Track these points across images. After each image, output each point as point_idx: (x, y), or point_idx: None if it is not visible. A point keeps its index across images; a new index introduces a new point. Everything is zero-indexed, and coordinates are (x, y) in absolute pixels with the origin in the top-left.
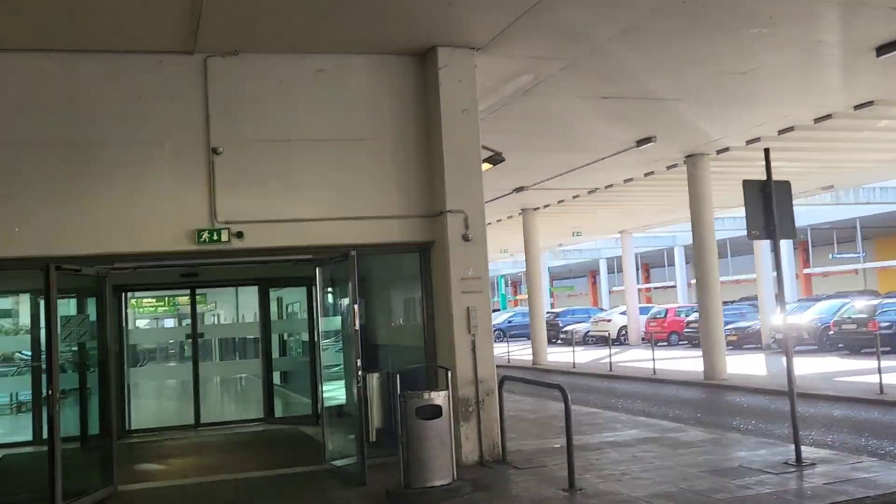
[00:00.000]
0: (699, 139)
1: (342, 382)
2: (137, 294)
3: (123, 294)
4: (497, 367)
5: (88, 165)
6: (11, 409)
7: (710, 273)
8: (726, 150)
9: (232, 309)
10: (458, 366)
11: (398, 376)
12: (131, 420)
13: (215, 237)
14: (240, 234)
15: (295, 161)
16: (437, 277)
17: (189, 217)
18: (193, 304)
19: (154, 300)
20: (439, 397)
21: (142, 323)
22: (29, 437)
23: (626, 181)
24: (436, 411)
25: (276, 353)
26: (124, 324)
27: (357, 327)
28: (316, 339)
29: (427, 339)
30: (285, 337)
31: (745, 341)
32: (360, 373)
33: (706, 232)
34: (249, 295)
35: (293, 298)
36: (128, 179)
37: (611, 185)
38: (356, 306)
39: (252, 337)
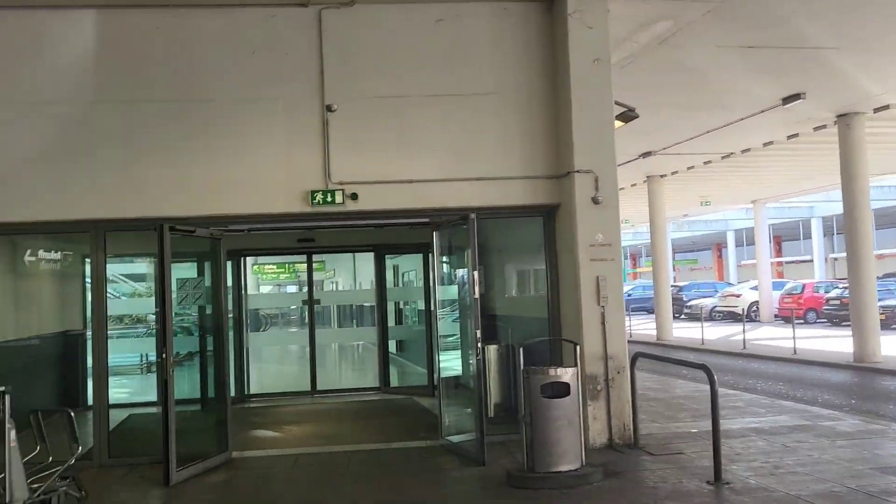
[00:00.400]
0: (855, 95)
1: (458, 353)
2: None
3: (241, 259)
4: None
5: (201, 124)
6: (141, 370)
7: (864, 245)
8: (885, 108)
9: (349, 276)
10: (586, 340)
11: (521, 350)
12: (250, 385)
13: (329, 199)
14: (354, 196)
15: (412, 118)
16: (562, 244)
17: (302, 177)
18: (310, 270)
19: (274, 266)
20: (567, 374)
21: (260, 288)
22: (155, 397)
23: (765, 145)
24: (563, 389)
25: (391, 322)
26: (243, 289)
27: (477, 296)
28: (432, 307)
29: (551, 310)
30: (401, 305)
31: (894, 321)
32: (479, 345)
33: (859, 200)
34: (366, 262)
35: (409, 266)
36: (241, 138)
37: (748, 150)
38: (476, 273)
39: (368, 305)
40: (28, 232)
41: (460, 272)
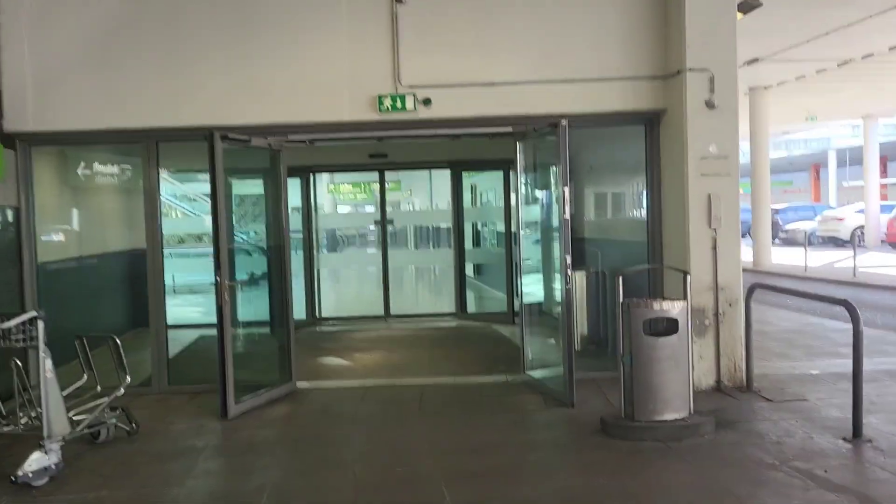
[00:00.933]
0: None
1: (540, 279)
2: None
3: (310, 176)
4: None
5: (258, 24)
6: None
7: None
8: None
9: (426, 196)
10: (693, 268)
11: (620, 279)
12: (321, 308)
13: (399, 105)
14: (427, 102)
15: (493, 10)
16: (667, 156)
17: (369, 81)
18: (382, 188)
19: (350, 185)
20: (675, 308)
21: (338, 209)
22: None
23: (891, 49)
24: (670, 326)
25: (468, 244)
26: (313, 208)
27: (567, 216)
28: (515, 228)
29: (651, 234)
30: (479, 227)
31: None
32: (568, 272)
33: None
34: (443, 180)
35: (488, 184)
36: (300, 37)
37: (869, 55)
38: (566, 190)
39: (445, 226)
40: (75, 143)
41: (546, 190)
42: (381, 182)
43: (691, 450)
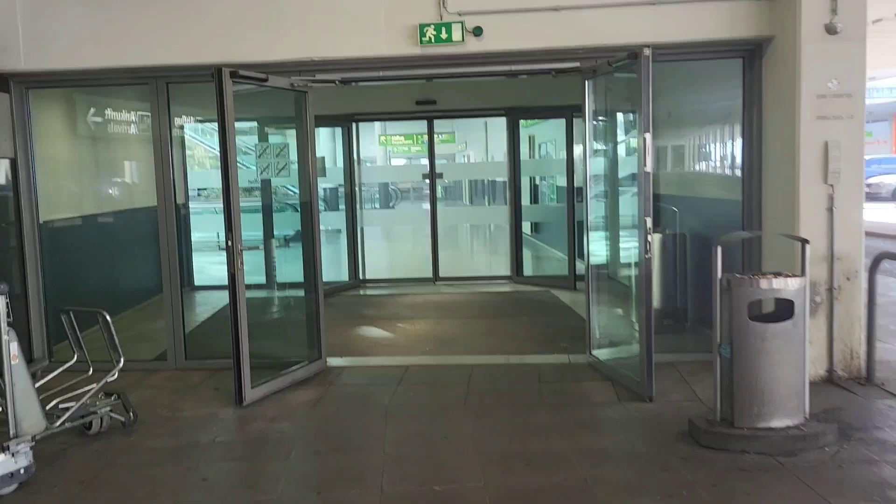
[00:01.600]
0: None
1: (608, 241)
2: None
3: (352, 125)
4: None
5: None
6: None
7: None
8: None
9: (481, 149)
10: (803, 233)
11: (718, 249)
12: (365, 269)
13: (444, 35)
14: (477, 31)
15: None
16: (772, 95)
17: (408, 7)
18: (431, 138)
19: (402, 137)
20: (791, 286)
21: (391, 162)
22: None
23: None
24: (783, 309)
25: (525, 200)
26: (356, 160)
27: (649, 168)
28: (580, 183)
29: (747, 190)
30: (537, 181)
31: None
32: (648, 238)
33: None
34: (499, 131)
35: (548, 135)
36: None
37: None
38: (648, 137)
39: (500, 180)
40: (75, 84)
41: (619, 138)
42: (430, 132)
43: (811, 469)
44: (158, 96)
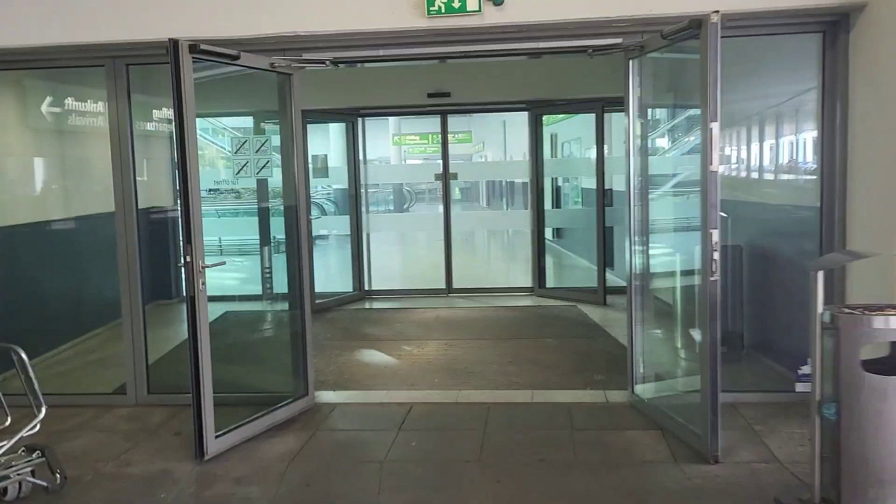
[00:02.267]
0: None
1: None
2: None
3: (356, 121)
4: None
5: None
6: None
7: None
8: None
9: (499, 148)
10: None
11: (820, 275)
12: (371, 279)
13: (457, 4)
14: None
15: None
16: (862, 78)
17: None
18: (444, 134)
19: (417, 137)
20: None
21: (406, 163)
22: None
23: None
24: None
25: (548, 204)
26: (361, 159)
27: (715, 166)
28: (628, 183)
29: (827, 194)
30: (559, 182)
31: None
32: (714, 257)
33: None
34: (519, 128)
35: (572, 132)
36: None
37: None
38: (714, 128)
39: (521, 182)
40: (20, 65)
41: (669, 130)
42: (444, 128)
43: None
44: (116, 80)
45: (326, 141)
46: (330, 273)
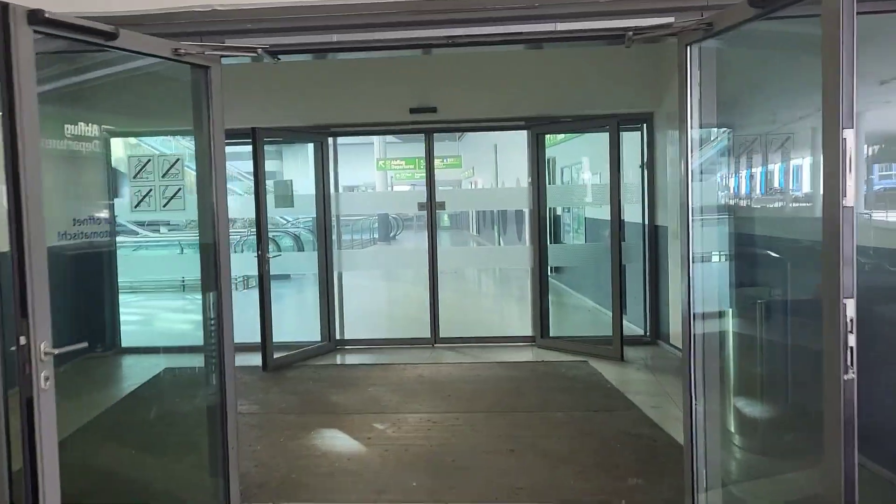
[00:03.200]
0: None
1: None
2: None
3: (328, 141)
4: None
5: None
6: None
7: None
8: None
9: (490, 174)
10: None
11: None
12: (343, 327)
13: None
14: None
15: None
16: None
17: None
18: (429, 156)
19: (402, 161)
20: None
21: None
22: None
23: None
24: None
25: (553, 237)
26: (330, 185)
27: (849, 200)
28: (685, 212)
29: None
30: (558, 212)
31: None
32: (851, 341)
33: None
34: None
35: (575, 155)
36: None
37: None
38: (848, 137)
39: (520, 212)
40: None
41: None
42: (429, 149)
43: None
44: None
45: (305, 165)
46: (297, 320)
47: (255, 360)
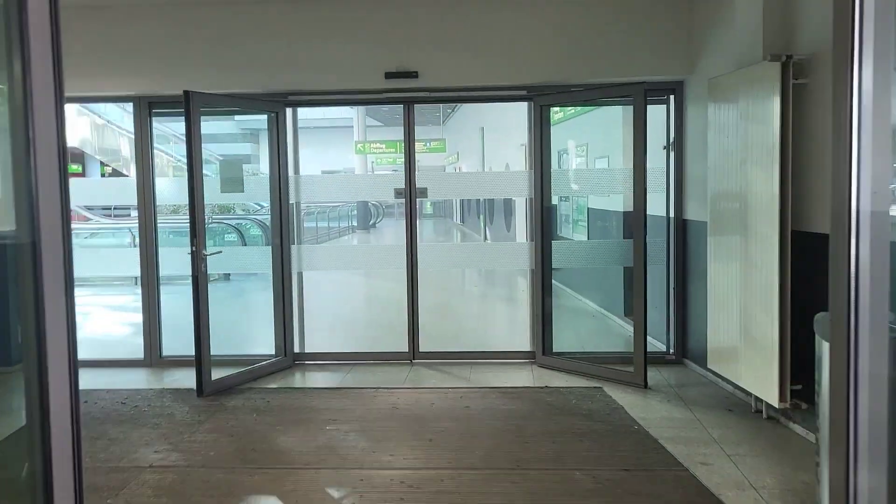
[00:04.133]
0: None
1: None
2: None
3: (285, 111)
4: None
5: None
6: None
7: None
8: None
9: (475, 159)
10: None
11: None
12: (303, 339)
13: None
14: None
15: None
16: None
17: None
18: (409, 133)
19: (383, 145)
20: None
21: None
22: (142, 352)
23: None
24: None
25: (566, 230)
26: (290, 167)
27: None
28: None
29: None
30: (555, 200)
31: None
32: None
33: None
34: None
35: (574, 135)
36: None
37: None
38: None
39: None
40: None
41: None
42: (408, 123)
43: None
44: None
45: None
46: (250, 328)
47: (193, 380)
